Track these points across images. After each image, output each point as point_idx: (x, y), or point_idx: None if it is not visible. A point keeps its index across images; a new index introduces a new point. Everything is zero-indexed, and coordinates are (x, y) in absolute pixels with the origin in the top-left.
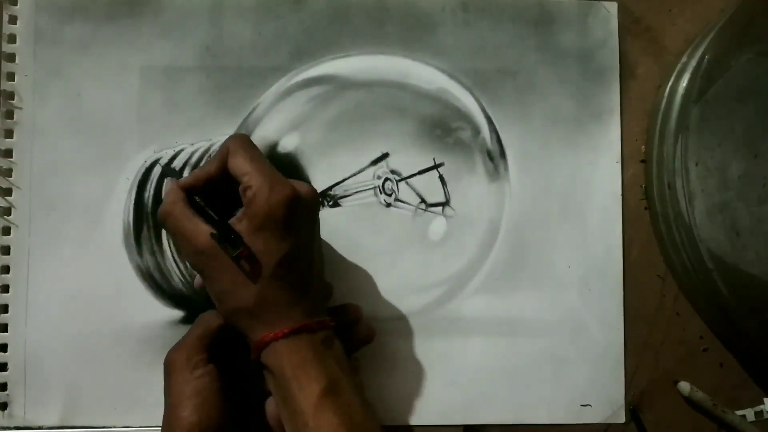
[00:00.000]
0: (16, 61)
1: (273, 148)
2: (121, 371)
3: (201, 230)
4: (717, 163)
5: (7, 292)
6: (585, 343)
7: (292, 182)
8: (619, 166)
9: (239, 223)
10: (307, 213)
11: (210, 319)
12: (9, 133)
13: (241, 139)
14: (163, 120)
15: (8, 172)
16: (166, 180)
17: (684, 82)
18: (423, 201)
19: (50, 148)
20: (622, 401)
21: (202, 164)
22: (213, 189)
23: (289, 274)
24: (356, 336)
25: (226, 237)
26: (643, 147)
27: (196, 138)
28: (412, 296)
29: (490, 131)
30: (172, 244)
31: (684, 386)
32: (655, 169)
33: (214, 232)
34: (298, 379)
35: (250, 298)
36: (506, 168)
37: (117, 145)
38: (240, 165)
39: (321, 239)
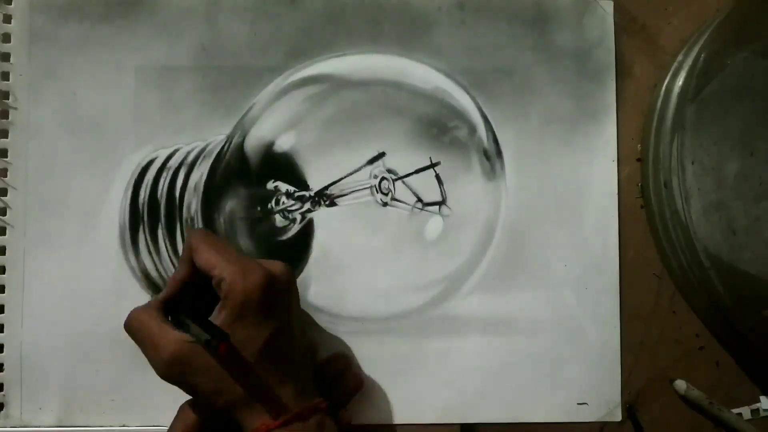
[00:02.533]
0: (11, 60)
1: (269, 147)
2: (117, 371)
3: (172, 338)
4: (713, 162)
5: (3, 292)
6: (581, 341)
7: (263, 264)
8: (615, 164)
9: (217, 317)
10: (284, 293)
11: (188, 416)
12: (4, 133)
13: (200, 233)
14: (158, 120)
15: (3, 173)
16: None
17: (680, 81)
18: (419, 200)
19: (45, 148)
20: (619, 400)
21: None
22: (190, 293)
23: (275, 357)
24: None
25: (212, 335)
26: (639, 146)
27: (192, 138)
28: (409, 295)
29: (487, 130)
30: (142, 352)
31: (680, 384)
32: (651, 168)
33: (191, 339)
34: None
35: (238, 392)
36: (502, 167)
37: (112, 145)
38: (206, 259)
39: (302, 312)
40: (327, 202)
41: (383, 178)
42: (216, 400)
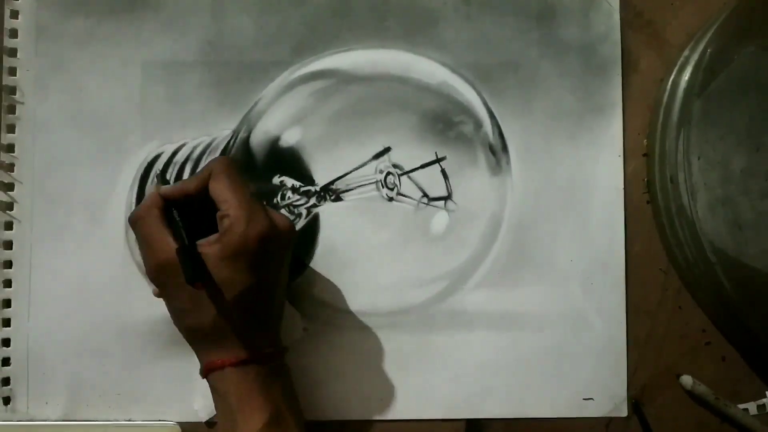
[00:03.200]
0: (18, 56)
1: (275, 142)
2: (123, 365)
3: (168, 244)
4: (719, 157)
5: (10, 287)
6: (587, 337)
7: (270, 214)
8: (621, 160)
9: (210, 246)
10: (280, 248)
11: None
12: (11, 128)
13: (226, 164)
14: (164, 115)
15: (10, 167)
16: (148, 185)
17: (686, 76)
18: (425, 195)
19: (52, 143)
20: (625, 395)
21: (187, 177)
22: (192, 205)
23: (250, 306)
24: None
25: (192, 261)
26: (645, 141)
27: (198, 133)
28: (414, 290)
29: (492, 125)
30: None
31: (686, 380)
32: (658, 163)
33: (179, 248)
34: (242, 409)
35: (207, 321)
36: (508, 162)
37: (119, 140)
38: (220, 191)
39: (287, 270)
40: (333, 197)
41: (389, 173)
42: (183, 319)
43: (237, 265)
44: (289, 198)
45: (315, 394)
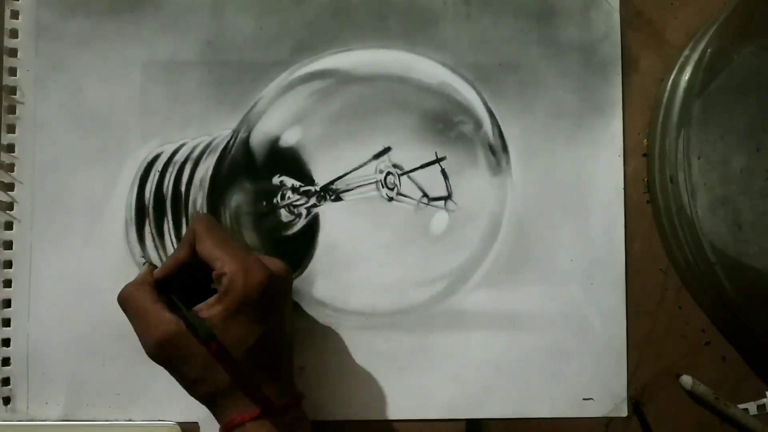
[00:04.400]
0: (18, 56)
1: (275, 142)
2: (123, 365)
3: (165, 318)
4: (719, 157)
5: (10, 287)
6: (587, 336)
7: (264, 261)
8: (621, 159)
9: (211, 308)
10: (281, 293)
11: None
12: (11, 128)
13: (206, 221)
14: (164, 114)
15: (10, 167)
16: (141, 264)
17: (686, 76)
18: (425, 195)
19: (52, 143)
20: (625, 395)
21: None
22: (183, 275)
23: (263, 356)
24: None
25: (198, 328)
26: (645, 141)
27: (198, 132)
28: (414, 290)
29: (492, 125)
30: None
31: (686, 380)
32: (658, 163)
33: (184, 326)
34: None
35: (224, 383)
36: (508, 162)
37: (119, 140)
38: (209, 250)
39: (293, 311)
40: (332, 197)
41: (389, 173)
42: (198, 388)
43: (243, 320)
44: (289, 198)
45: (315, 395)
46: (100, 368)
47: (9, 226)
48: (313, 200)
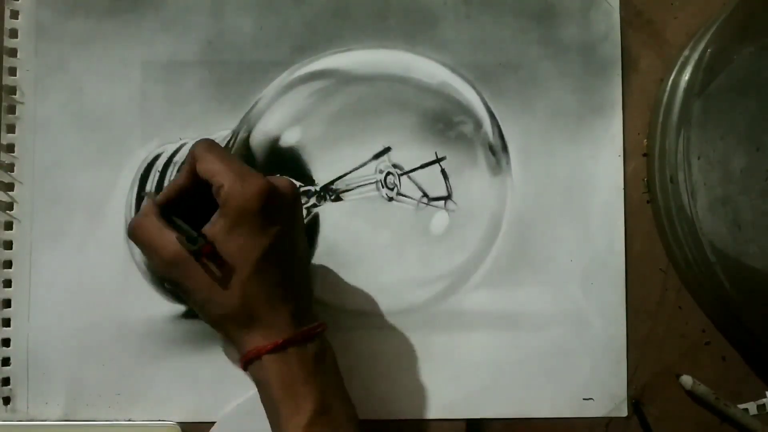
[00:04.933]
0: (18, 56)
1: (275, 142)
2: (123, 365)
3: (170, 240)
4: (719, 157)
5: (10, 287)
6: (587, 336)
7: (268, 177)
8: (621, 159)
9: (214, 225)
10: (286, 207)
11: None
12: (11, 128)
13: (206, 143)
14: (164, 114)
15: (10, 167)
16: (145, 201)
17: (686, 76)
18: (425, 195)
19: (52, 143)
20: (625, 395)
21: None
22: (189, 202)
23: (271, 272)
24: None
25: (190, 238)
26: (645, 140)
27: (197, 132)
28: (414, 290)
29: (492, 125)
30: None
31: (686, 380)
32: (658, 163)
33: (180, 236)
34: (287, 401)
35: (233, 302)
36: (508, 162)
37: (119, 140)
38: (209, 167)
39: (305, 237)
40: (332, 197)
41: (389, 173)
42: (210, 311)
43: (244, 231)
44: None
45: None
46: (100, 368)
47: (9, 226)
48: (313, 200)
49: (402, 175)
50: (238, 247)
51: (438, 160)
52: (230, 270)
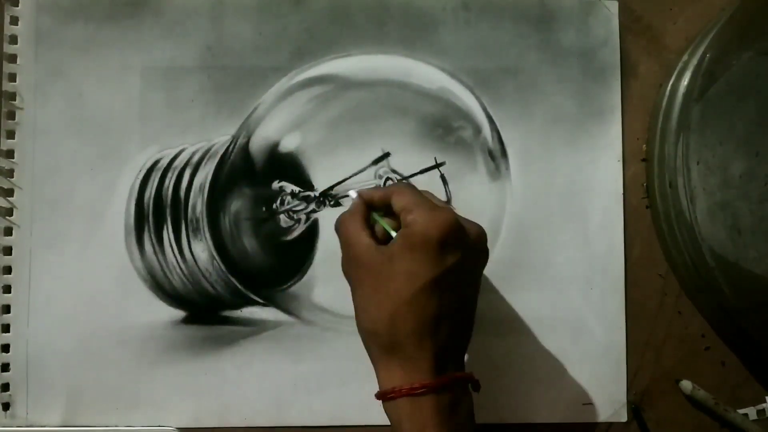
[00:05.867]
0: (18, 62)
1: (274, 147)
2: (123, 371)
3: (363, 241)
4: (718, 162)
5: (9, 292)
6: (586, 341)
7: (459, 216)
8: (620, 164)
9: (392, 243)
10: (467, 248)
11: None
12: (11, 134)
13: (407, 183)
14: (164, 120)
15: (10, 173)
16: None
17: (685, 81)
18: None
19: (52, 149)
20: (624, 400)
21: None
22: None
23: (429, 305)
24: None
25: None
26: (644, 146)
27: (197, 138)
28: None
29: (491, 130)
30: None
31: (686, 385)
32: (657, 168)
33: (377, 244)
34: None
35: (382, 320)
36: (507, 167)
37: (118, 146)
38: (404, 199)
39: (477, 287)
40: (332, 203)
41: (388, 178)
42: (361, 320)
43: (417, 256)
44: (288, 203)
45: (315, 400)
46: (99, 374)
47: (8, 231)
48: (312, 205)
49: (401, 180)
50: (405, 269)
51: (437, 166)
52: (392, 289)
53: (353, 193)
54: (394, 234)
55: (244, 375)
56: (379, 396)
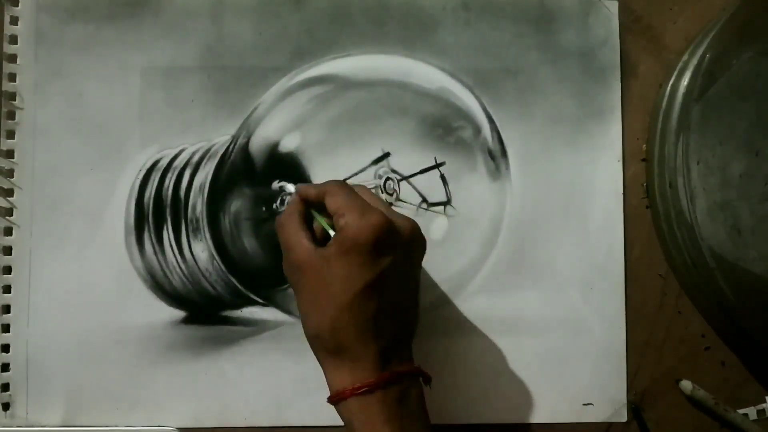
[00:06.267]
0: (18, 62)
1: (274, 147)
2: (122, 371)
3: (303, 245)
4: (718, 162)
5: (9, 292)
6: (587, 342)
7: (392, 214)
8: (620, 164)
9: (327, 249)
10: (401, 246)
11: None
12: (11, 134)
13: (339, 182)
14: (164, 120)
15: (10, 173)
16: (289, 186)
17: (685, 81)
18: (424, 200)
19: (52, 149)
20: (624, 400)
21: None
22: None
23: (368, 306)
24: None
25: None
26: (644, 146)
27: (197, 138)
28: None
29: (491, 130)
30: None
31: (686, 385)
32: (657, 168)
33: (315, 247)
34: None
35: (324, 325)
36: (507, 167)
37: (118, 146)
38: (336, 201)
39: (418, 280)
40: None
41: (388, 178)
42: (306, 326)
43: (352, 260)
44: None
45: (313, 401)
46: (99, 374)
47: (8, 231)
48: None
49: (401, 180)
50: (342, 274)
51: (437, 166)
52: (332, 293)
53: (291, 187)
54: (332, 232)
55: (244, 375)
56: (330, 399)
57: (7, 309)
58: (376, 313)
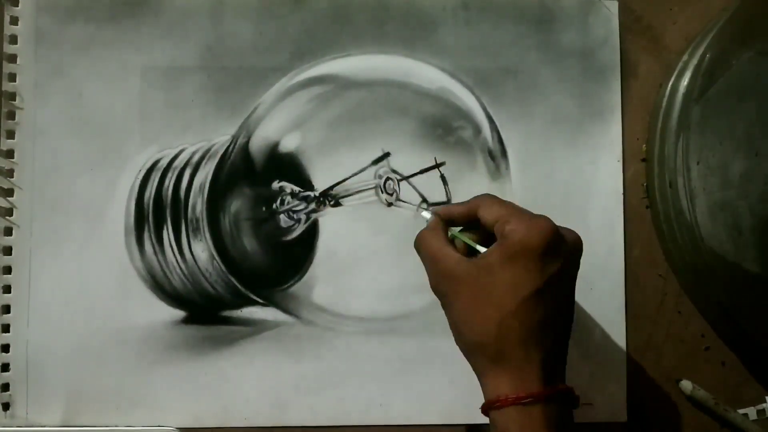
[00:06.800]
0: (18, 62)
1: (274, 147)
2: (122, 371)
3: (452, 255)
4: (718, 162)
5: (9, 292)
6: (586, 342)
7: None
8: (620, 164)
9: (491, 253)
10: (567, 256)
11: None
12: (11, 134)
13: (491, 195)
14: (164, 120)
15: (10, 173)
16: (425, 213)
17: (685, 81)
18: (424, 200)
19: (52, 149)
20: (624, 400)
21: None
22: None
23: (535, 313)
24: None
25: (471, 250)
26: (644, 146)
27: (197, 138)
28: (414, 296)
29: (491, 130)
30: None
31: (686, 385)
32: (657, 168)
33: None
34: None
35: (489, 331)
36: (507, 167)
37: (118, 146)
38: (494, 210)
39: (573, 298)
40: (332, 203)
41: (388, 179)
42: (464, 333)
43: (519, 265)
44: (288, 203)
45: (315, 400)
46: (99, 374)
47: (8, 231)
48: (312, 205)
49: (401, 180)
50: (508, 280)
51: (437, 166)
52: (496, 300)
53: (426, 214)
54: (479, 248)
55: (244, 375)
56: (486, 405)
57: (7, 309)
58: (542, 320)
